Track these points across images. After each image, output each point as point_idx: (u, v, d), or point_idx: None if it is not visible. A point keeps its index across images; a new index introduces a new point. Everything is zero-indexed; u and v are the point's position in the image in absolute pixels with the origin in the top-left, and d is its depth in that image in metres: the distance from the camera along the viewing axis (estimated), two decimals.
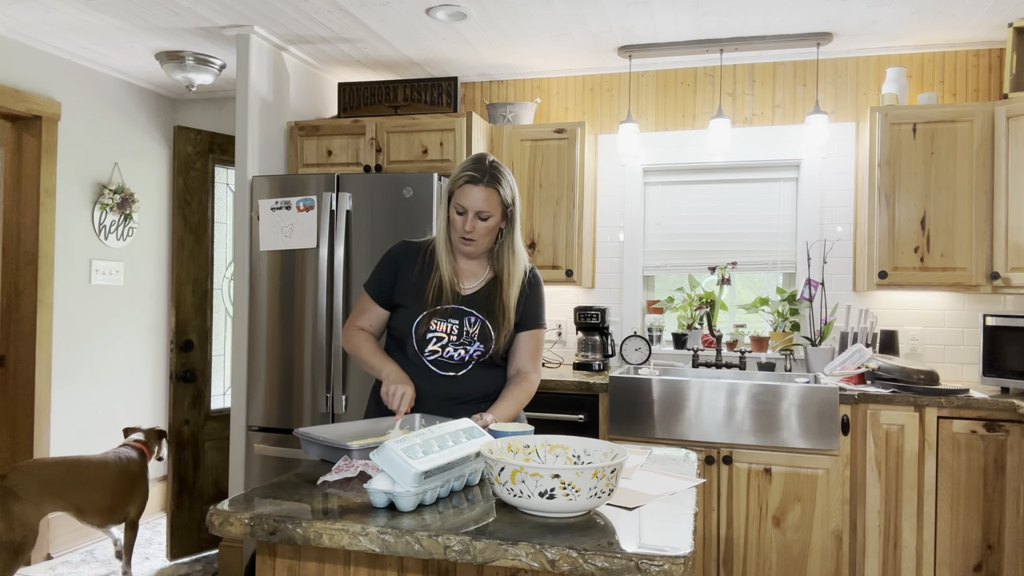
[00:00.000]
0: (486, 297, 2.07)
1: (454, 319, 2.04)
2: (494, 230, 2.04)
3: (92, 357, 4.13)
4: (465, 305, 2.06)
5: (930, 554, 3.00)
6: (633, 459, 1.84)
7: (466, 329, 2.03)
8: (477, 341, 2.04)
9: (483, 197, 1.98)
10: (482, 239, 2.03)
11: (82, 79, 4.04)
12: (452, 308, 2.04)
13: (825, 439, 3.03)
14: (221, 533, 1.37)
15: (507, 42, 3.61)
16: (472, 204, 1.99)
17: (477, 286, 2.09)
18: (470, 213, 1.99)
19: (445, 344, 2.03)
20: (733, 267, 3.80)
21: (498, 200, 2.00)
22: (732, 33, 3.49)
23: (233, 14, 3.28)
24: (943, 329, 3.58)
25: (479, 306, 2.06)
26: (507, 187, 2.02)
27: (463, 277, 2.09)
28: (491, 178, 1.99)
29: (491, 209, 2.00)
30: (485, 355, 2.05)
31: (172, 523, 3.79)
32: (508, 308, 2.05)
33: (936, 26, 3.35)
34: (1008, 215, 3.15)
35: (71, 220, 3.99)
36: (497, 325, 2.05)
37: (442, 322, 2.03)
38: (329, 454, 1.70)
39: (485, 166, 2.01)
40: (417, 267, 2.09)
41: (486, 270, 2.11)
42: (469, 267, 2.10)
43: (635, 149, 3.73)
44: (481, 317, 2.05)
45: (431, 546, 1.25)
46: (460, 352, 2.04)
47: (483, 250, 2.07)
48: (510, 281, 2.07)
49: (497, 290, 2.07)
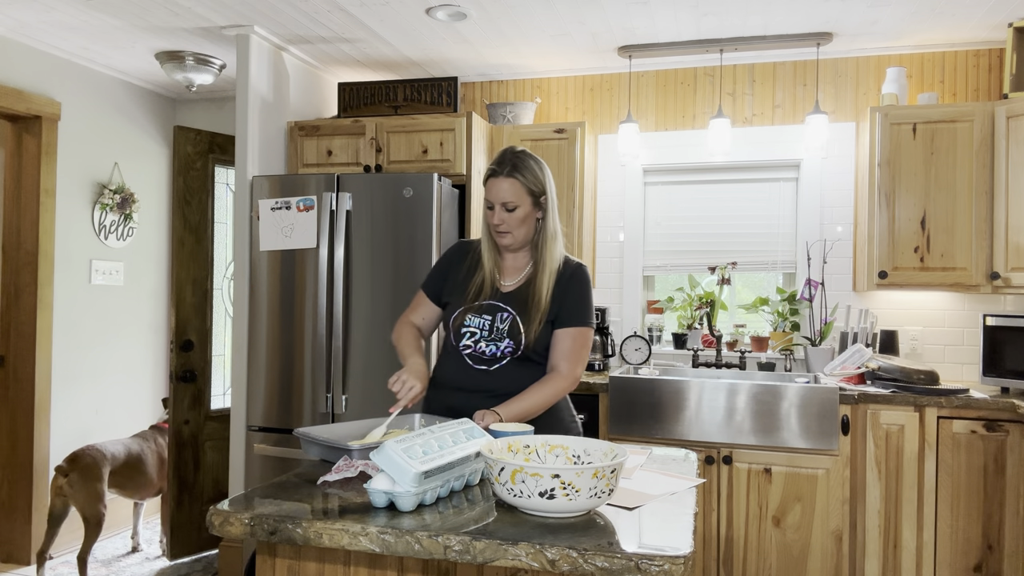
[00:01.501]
0: (523, 292, 2.06)
1: (487, 315, 2.04)
2: (526, 220, 2.04)
3: (92, 357, 4.13)
4: (502, 301, 2.05)
5: (930, 554, 3.00)
6: (633, 459, 1.84)
7: (497, 325, 2.03)
8: (507, 337, 2.02)
9: (506, 188, 2.00)
10: (515, 230, 2.04)
11: (82, 79, 4.04)
12: (488, 304, 2.05)
13: (825, 439, 3.03)
14: (221, 533, 1.37)
15: (507, 42, 3.61)
16: (496, 196, 2.01)
17: (518, 282, 2.09)
18: (497, 205, 2.02)
19: (477, 339, 2.04)
20: (733, 267, 3.80)
21: (523, 189, 2.01)
22: (732, 33, 3.49)
23: (233, 14, 3.28)
24: (943, 329, 3.58)
25: (514, 302, 2.05)
26: (531, 175, 2.02)
27: (505, 274, 2.10)
28: (512, 168, 2.00)
29: (516, 199, 2.01)
30: (517, 351, 2.02)
31: (172, 523, 3.79)
32: (540, 298, 2.02)
33: (936, 26, 3.35)
34: (1008, 215, 3.16)
35: (71, 220, 3.99)
36: (528, 319, 2.01)
37: (476, 317, 2.04)
38: (329, 454, 1.70)
39: (507, 157, 2.02)
40: (466, 265, 2.13)
41: (528, 265, 2.11)
42: (513, 263, 2.11)
43: (635, 149, 3.73)
44: (513, 313, 2.03)
45: (431, 546, 1.25)
46: (491, 348, 2.03)
47: (520, 241, 2.07)
48: (543, 269, 2.05)
49: (534, 282, 2.05)
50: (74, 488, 3.38)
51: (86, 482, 3.40)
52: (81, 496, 3.39)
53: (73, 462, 3.41)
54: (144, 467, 3.72)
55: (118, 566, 3.77)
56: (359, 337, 3.29)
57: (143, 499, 3.85)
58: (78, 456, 3.43)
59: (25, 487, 3.77)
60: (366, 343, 3.27)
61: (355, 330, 3.29)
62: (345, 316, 3.30)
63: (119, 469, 3.58)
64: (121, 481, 3.60)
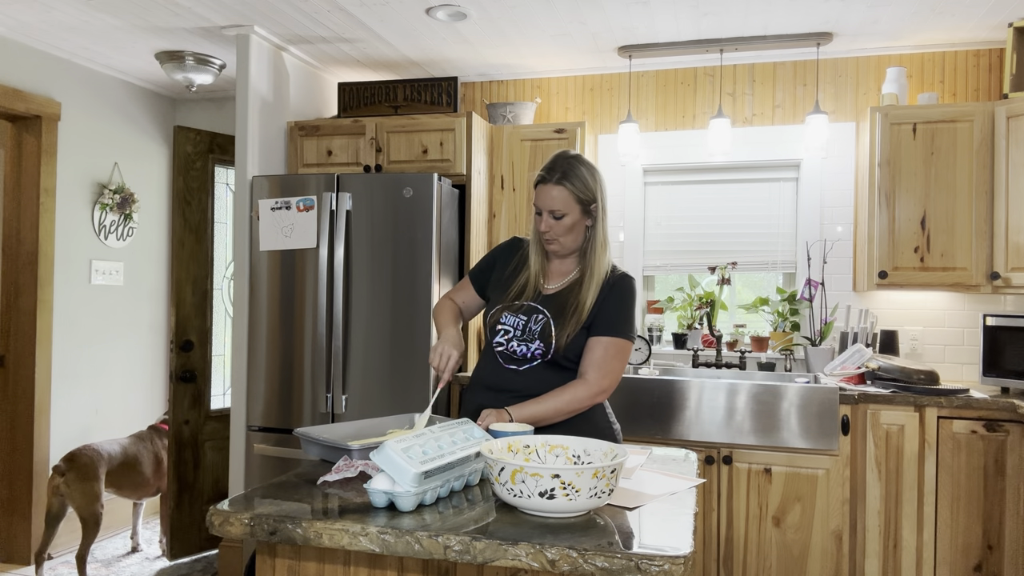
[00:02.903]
0: (564, 296, 2.03)
1: (523, 315, 2.02)
2: (575, 228, 2.01)
3: (92, 357, 4.13)
4: (541, 303, 2.03)
5: (930, 554, 3.00)
6: (633, 459, 1.83)
7: (530, 326, 2.00)
8: (538, 339, 1.99)
9: (554, 195, 1.97)
10: (563, 238, 2.01)
11: (82, 79, 4.04)
12: (526, 305, 2.04)
13: (825, 439, 3.03)
14: (221, 533, 1.37)
15: (507, 42, 3.61)
16: (544, 203, 1.98)
17: (560, 286, 2.06)
18: (545, 213, 1.99)
19: (510, 338, 2.02)
20: (733, 267, 3.80)
21: (571, 197, 1.97)
22: (732, 33, 3.49)
23: (233, 14, 3.28)
24: (943, 329, 3.58)
25: (552, 305, 2.02)
26: (580, 183, 1.98)
27: (550, 277, 2.08)
28: (562, 175, 1.97)
29: (564, 207, 1.97)
30: (547, 354, 1.99)
31: (172, 523, 3.79)
32: (582, 306, 1.98)
33: (936, 26, 3.35)
34: (1008, 215, 3.15)
35: (71, 220, 3.99)
36: (562, 324, 1.98)
37: (511, 316, 2.03)
38: (329, 454, 1.70)
39: (558, 163, 1.99)
40: (513, 263, 2.12)
41: (574, 271, 2.08)
42: (559, 267, 2.09)
43: (635, 149, 3.73)
44: (548, 316, 2.00)
45: (431, 546, 1.25)
46: (523, 348, 2.00)
47: (568, 249, 2.05)
48: (590, 279, 2.01)
49: (577, 289, 2.03)
50: (71, 488, 3.38)
51: (83, 482, 3.40)
52: (78, 496, 3.39)
53: (70, 462, 3.41)
54: (141, 467, 3.72)
55: (118, 566, 3.77)
56: (359, 337, 3.29)
57: (140, 499, 3.86)
58: (75, 456, 3.43)
59: (25, 487, 3.77)
60: (366, 343, 3.27)
61: (355, 330, 3.29)
62: (345, 316, 3.30)
63: (116, 469, 3.59)
64: (118, 481, 3.61)
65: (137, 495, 3.77)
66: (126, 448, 3.68)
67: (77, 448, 3.50)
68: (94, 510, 3.42)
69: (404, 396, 3.25)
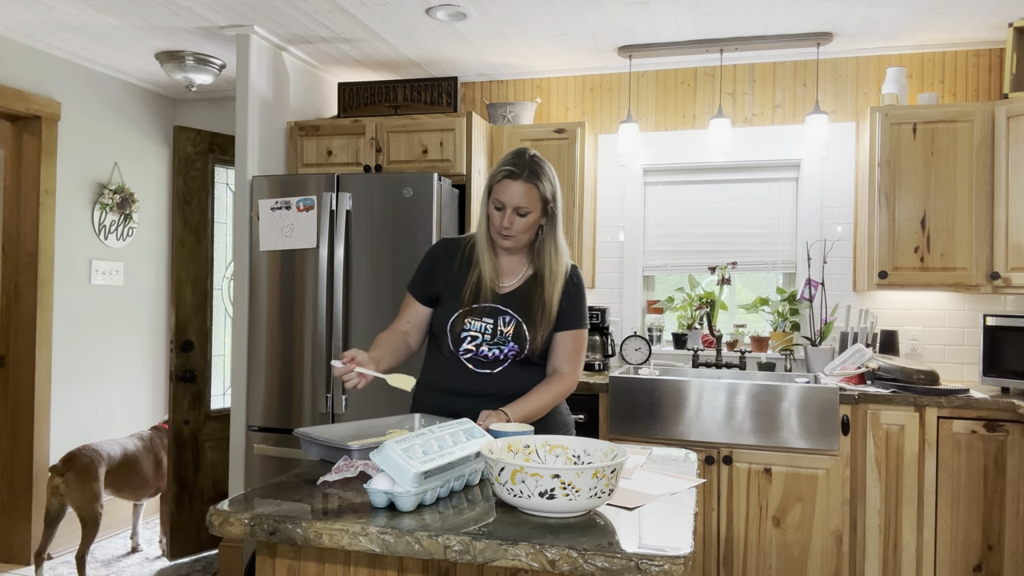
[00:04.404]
0: (525, 295, 2.03)
1: (488, 318, 2.01)
2: (533, 226, 2.01)
3: (92, 357, 4.13)
4: (502, 304, 2.02)
5: (930, 554, 3.00)
6: (633, 459, 1.83)
7: (500, 328, 2.00)
8: (511, 341, 2.00)
9: (522, 192, 1.96)
10: (521, 235, 2.01)
11: (82, 79, 4.04)
12: (488, 307, 2.02)
13: (825, 439, 3.03)
14: (221, 533, 1.36)
15: (507, 42, 3.61)
16: (510, 199, 1.97)
17: (516, 284, 2.06)
18: (508, 209, 1.97)
19: (479, 343, 2.01)
20: (733, 267, 3.80)
21: (537, 196, 1.98)
22: (732, 33, 3.49)
23: (233, 14, 3.28)
24: (943, 329, 3.58)
25: (516, 305, 2.02)
26: (547, 182, 1.99)
27: (503, 275, 2.06)
28: (530, 173, 1.96)
29: (530, 205, 1.97)
30: (520, 354, 2.01)
31: (172, 523, 3.79)
32: (550, 307, 2.01)
33: (936, 26, 3.35)
34: (1008, 215, 3.15)
35: (71, 220, 3.99)
36: (534, 324, 2.00)
37: (476, 321, 2.01)
38: (329, 454, 1.70)
39: (525, 160, 1.98)
40: (456, 264, 2.08)
41: (526, 267, 2.08)
42: (509, 264, 2.08)
43: (635, 149, 3.73)
44: (516, 317, 2.01)
45: (431, 546, 1.25)
46: (494, 351, 2.00)
47: (522, 245, 2.05)
48: (552, 279, 2.03)
49: (538, 288, 2.03)
50: (70, 488, 3.38)
51: (82, 482, 3.40)
52: (77, 496, 3.39)
53: (69, 462, 3.40)
54: (140, 468, 3.71)
55: (118, 566, 3.77)
56: (359, 337, 3.28)
57: (139, 500, 3.86)
58: (74, 456, 3.43)
59: (25, 487, 3.77)
60: (366, 343, 3.27)
61: (355, 330, 3.29)
62: (345, 316, 3.30)
63: (115, 470, 3.58)
64: (117, 482, 3.60)
65: (137, 496, 3.76)
66: (126, 448, 3.68)
67: (76, 448, 3.49)
68: (93, 510, 3.42)
69: (404, 396, 3.25)
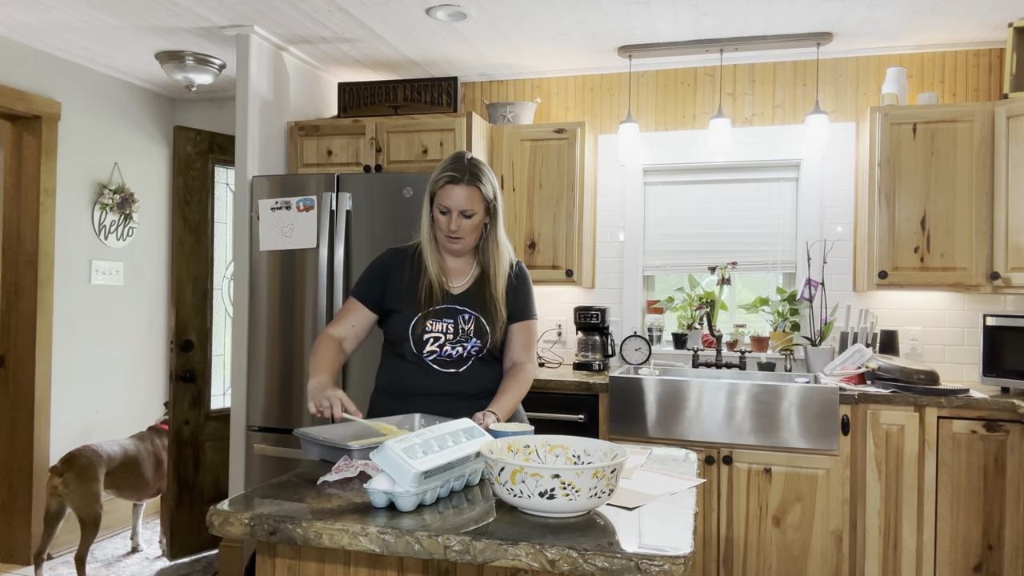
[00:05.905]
0: (476, 293, 2.11)
1: (448, 318, 2.07)
2: (479, 227, 2.08)
3: (92, 357, 4.13)
4: (457, 303, 2.09)
5: (930, 554, 3.00)
6: (633, 459, 1.84)
7: (461, 326, 2.07)
8: (474, 337, 2.07)
9: (465, 196, 2.02)
10: (468, 236, 2.07)
11: (82, 79, 4.04)
12: (445, 308, 2.08)
13: (825, 439, 3.03)
14: (221, 533, 1.37)
15: (507, 42, 3.61)
16: (455, 204, 2.02)
17: (466, 283, 2.13)
18: (454, 212, 2.03)
19: (442, 343, 2.07)
20: (733, 267, 3.80)
21: (480, 197, 2.04)
22: (732, 33, 3.49)
23: (233, 14, 3.28)
24: (943, 329, 3.58)
25: (471, 303, 2.10)
26: (488, 184, 2.06)
27: (451, 276, 2.13)
28: (471, 176, 2.02)
29: (474, 207, 2.03)
30: (483, 350, 2.08)
31: (172, 523, 3.79)
32: (498, 301, 2.10)
33: (936, 26, 3.35)
34: (1008, 215, 3.15)
35: (71, 220, 3.99)
36: (491, 319, 2.09)
37: (437, 322, 2.07)
38: (329, 454, 1.70)
39: (464, 165, 2.04)
40: (407, 272, 2.12)
41: (473, 267, 2.15)
42: (456, 265, 2.14)
43: (635, 149, 3.73)
44: (475, 313, 2.09)
45: (431, 546, 1.25)
46: (458, 349, 2.07)
47: (470, 247, 2.11)
48: (497, 275, 2.11)
49: (486, 285, 2.11)
50: (69, 488, 3.37)
51: (81, 482, 3.39)
52: (76, 496, 3.38)
53: (68, 462, 3.40)
54: (140, 468, 3.71)
55: (118, 566, 3.77)
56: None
57: (139, 500, 3.86)
58: (73, 456, 3.42)
59: (25, 487, 3.77)
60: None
61: None
62: None
63: (115, 470, 3.58)
64: (117, 482, 3.60)
65: (137, 496, 3.76)
66: (126, 449, 3.68)
67: (76, 448, 3.49)
68: (93, 510, 3.42)
69: None
